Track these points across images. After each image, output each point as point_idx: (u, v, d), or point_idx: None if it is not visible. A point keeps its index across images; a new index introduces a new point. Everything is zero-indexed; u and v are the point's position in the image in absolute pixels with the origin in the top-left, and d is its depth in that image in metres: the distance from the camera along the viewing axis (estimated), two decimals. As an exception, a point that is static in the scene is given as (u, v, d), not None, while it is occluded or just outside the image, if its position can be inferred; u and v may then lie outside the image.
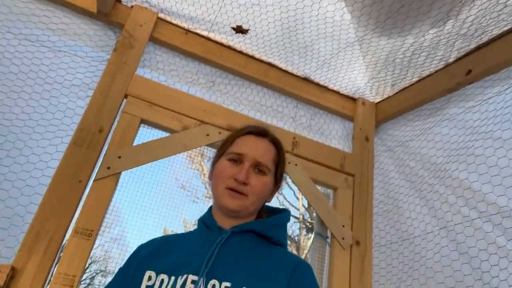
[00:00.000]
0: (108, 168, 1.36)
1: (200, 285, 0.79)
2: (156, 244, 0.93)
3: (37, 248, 1.19)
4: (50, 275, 1.19)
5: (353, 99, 2.01)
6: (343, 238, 1.64)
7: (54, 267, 1.20)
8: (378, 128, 1.98)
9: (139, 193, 1.58)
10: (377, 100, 2.02)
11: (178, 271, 0.83)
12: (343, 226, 1.66)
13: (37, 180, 1.32)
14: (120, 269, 0.91)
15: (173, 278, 0.82)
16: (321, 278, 1.61)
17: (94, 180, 1.33)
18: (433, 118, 1.66)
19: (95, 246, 1.28)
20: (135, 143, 1.46)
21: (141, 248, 0.93)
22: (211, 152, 1.66)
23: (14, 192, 1.28)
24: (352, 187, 1.78)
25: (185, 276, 0.81)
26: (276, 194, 1.06)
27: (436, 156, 1.55)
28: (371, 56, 1.75)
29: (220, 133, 1.60)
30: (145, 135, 1.53)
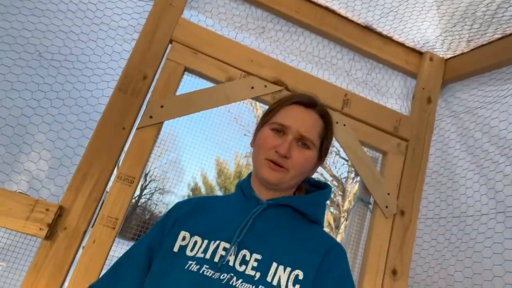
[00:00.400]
0: (151, 117, 1.36)
1: (231, 254, 0.79)
2: (194, 203, 0.93)
3: (83, 190, 1.25)
4: (95, 216, 1.26)
5: (420, 53, 1.79)
6: (386, 207, 1.56)
7: (99, 209, 1.26)
8: (444, 89, 1.77)
9: (195, 120, 1.59)
10: (448, 56, 1.78)
11: (211, 236, 0.83)
12: (388, 194, 1.57)
13: (84, 124, 1.36)
14: (157, 222, 0.93)
15: (206, 241, 0.82)
16: (358, 244, 1.57)
17: (136, 128, 1.34)
18: (512, 85, 1.43)
19: (154, 166, 1.35)
20: (178, 92, 1.43)
21: (179, 206, 0.94)
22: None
23: (63, 134, 1.33)
24: (404, 153, 1.65)
25: (217, 242, 0.81)
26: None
27: (507, 131, 1.36)
28: (447, 7, 1.50)
29: (265, 86, 1.51)
30: (189, 83, 1.49)
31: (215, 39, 1.50)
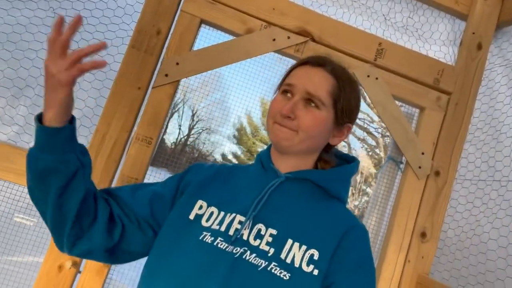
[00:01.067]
0: (166, 75, 1.31)
1: (246, 228, 0.78)
2: (214, 171, 0.91)
3: (103, 151, 1.27)
4: (115, 176, 1.28)
5: (473, -9, 1.54)
6: (419, 167, 1.45)
7: (119, 170, 1.28)
8: (498, 34, 1.54)
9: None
10: (507, -6, 1.52)
11: (227, 208, 0.82)
12: (423, 153, 1.45)
13: (102, 83, 1.34)
14: (175, 175, 0.93)
15: (222, 213, 0.81)
16: (386, 204, 1.50)
17: (152, 88, 1.31)
18: None
19: (201, 106, 1.36)
20: (195, 47, 1.35)
21: (198, 168, 0.93)
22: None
23: (81, 94, 1.33)
24: (445, 108, 1.49)
25: (233, 215, 0.80)
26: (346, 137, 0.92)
27: None
28: None
29: (289, 37, 1.39)
30: (206, 37, 1.40)
31: (233, -14, 1.37)
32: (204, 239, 0.77)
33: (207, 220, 0.81)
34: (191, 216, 0.82)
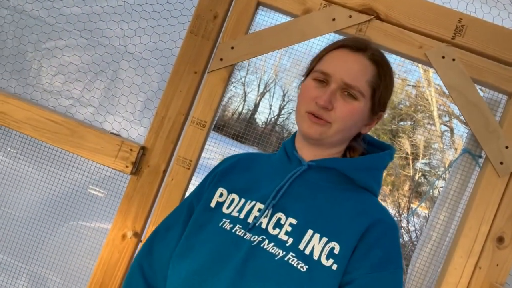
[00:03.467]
0: (221, 59, 1.32)
1: (265, 216, 0.77)
2: (236, 159, 0.91)
3: (162, 132, 1.35)
4: (173, 157, 1.36)
5: None
6: (501, 163, 1.25)
7: (175, 150, 1.36)
8: None
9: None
10: None
11: (248, 195, 0.82)
12: (507, 147, 1.25)
13: (163, 68, 1.41)
14: (202, 180, 0.94)
15: (243, 200, 0.81)
16: (458, 203, 1.34)
17: (208, 72, 1.33)
18: None
19: (292, 86, 1.40)
20: (253, 31, 1.34)
21: (222, 162, 0.94)
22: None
23: (146, 78, 1.42)
24: (541, 94, 1.25)
25: (253, 202, 0.80)
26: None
27: None
28: None
29: (350, 16, 1.29)
30: (265, 20, 1.38)
31: (292, -36, 1.31)
32: (224, 226, 0.78)
33: (228, 207, 0.81)
34: (212, 204, 0.83)
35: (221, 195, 0.84)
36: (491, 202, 1.26)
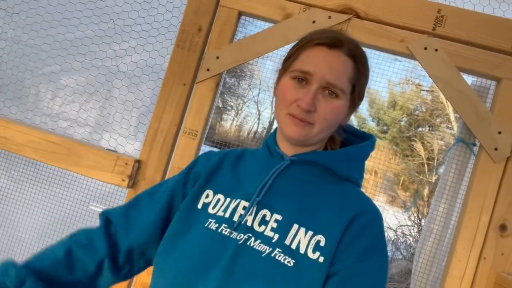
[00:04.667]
0: (208, 70, 1.36)
1: (250, 213, 0.77)
2: (221, 157, 0.90)
3: (155, 145, 1.38)
4: (168, 168, 1.38)
5: None
6: (495, 149, 1.23)
7: (170, 161, 1.38)
8: None
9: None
10: None
11: (233, 194, 0.81)
12: (499, 132, 1.23)
13: (154, 83, 1.46)
14: (184, 169, 0.92)
15: (228, 199, 0.81)
16: (456, 194, 1.31)
17: (196, 83, 1.37)
18: None
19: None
20: (236, 40, 1.37)
21: (206, 157, 0.91)
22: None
23: (139, 95, 1.46)
24: (530, 76, 1.24)
25: (238, 200, 0.79)
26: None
27: None
28: None
29: (330, 17, 1.31)
30: (252, 30, 1.41)
31: (269, -27, 1.35)
32: (209, 226, 0.78)
33: (214, 207, 0.81)
34: (199, 206, 0.83)
35: (207, 196, 0.83)
36: (489, 189, 1.24)
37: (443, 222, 1.31)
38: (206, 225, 0.78)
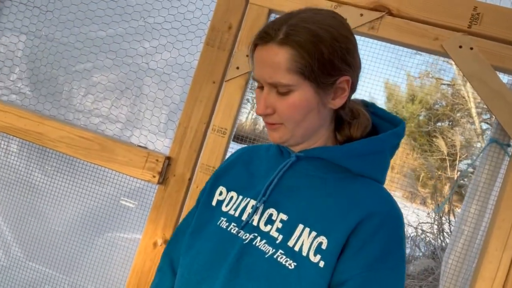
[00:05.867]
0: (237, 68, 1.36)
1: (257, 213, 0.75)
2: (237, 155, 0.90)
3: (185, 142, 1.40)
4: (197, 165, 1.40)
5: None
6: (531, 150, 1.20)
7: (199, 159, 1.40)
8: None
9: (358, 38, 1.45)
10: None
11: (245, 192, 0.81)
12: (536, 133, 1.20)
13: (184, 81, 1.47)
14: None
15: (240, 197, 0.80)
16: (489, 194, 1.29)
17: (225, 81, 1.38)
18: None
19: None
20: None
21: (227, 158, 0.92)
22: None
23: (168, 92, 1.48)
24: None
25: (247, 199, 0.79)
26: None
27: None
28: None
29: (361, 15, 1.30)
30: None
31: (300, -30, 1.34)
32: (221, 225, 0.78)
33: (227, 205, 0.80)
34: (213, 203, 0.83)
35: (220, 193, 0.83)
36: (525, 191, 1.21)
37: (474, 223, 1.29)
38: (218, 224, 0.79)
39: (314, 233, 0.69)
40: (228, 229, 0.77)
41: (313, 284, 0.67)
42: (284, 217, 0.73)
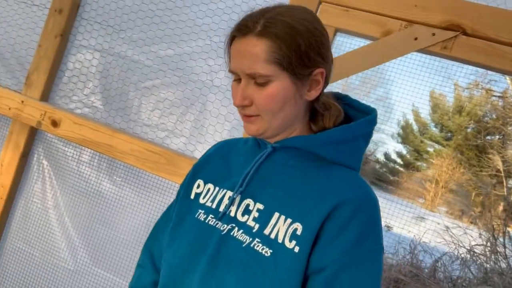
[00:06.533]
0: (302, 86, 1.37)
1: (234, 203, 0.76)
2: (215, 148, 0.90)
3: (248, 158, 1.42)
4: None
5: None
6: None
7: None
8: None
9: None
10: None
11: (221, 183, 0.81)
12: None
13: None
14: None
15: (217, 189, 0.81)
16: None
17: (290, 99, 1.39)
18: None
19: None
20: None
21: (206, 152, 0.93)
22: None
23: (231, 108, 1.51)
24: None
25: (224, 191, 0.79)
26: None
27: None
28: None
29: (434, 34, 1.27)
30: (342, 45, 1.41)
31: (369, -11, 1.34)
32: (198, 217, 0.79)
33: (204, 197, 0.81)
34: (192, 196, 0.83)
35: (198, 186, 0.84)
36: None
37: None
38: (196, 216, 0.79)
39: (289, 220, 0.70)
40: (206, 221, 0.77)
41: (288, 270, 0.68)
42: (260, 206, 0.74)
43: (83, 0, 1.64)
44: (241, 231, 0.73)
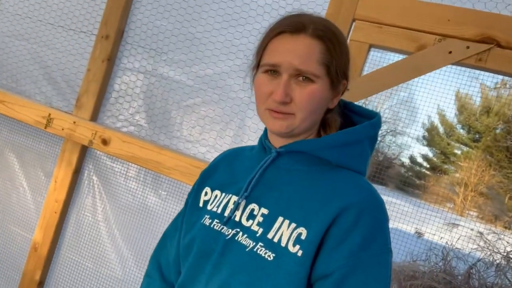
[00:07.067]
0: (339, 101, 1.43)
1: (239, 208, 0.77)
2: (221, 157, 0.93)
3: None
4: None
5: None
6: None
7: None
8: None
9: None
10: None
11: (227, 189, 0.83)
12: None
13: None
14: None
15: (223, 194, 0.83)
16: None
17: (327, 114, 1.45)
18: None
19: (384, 107, 1.39)
20: (364, 72, 1.43)
21: (213, 160, 0.96)
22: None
23: (270, 124, 1.58)
24: None
25: (229, 196, 0.81)
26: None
27: None
28: None
29: (468, 47, 1.30)
30: (376, 60, 1.46)
31: (402, 5, 1.38)
32: (204, 222, 0.80)
33: (211, 204, 0.83)
34: (200, 204, 0.86)
35: (206, 193, 0.86)
36: None
37: None
38: (202, 221, 0.82)
39: (293, 225, 0.71)
40: (212, 225, 0.79)
41: (291, 274, 0.68)
42: (265, 211, 0.75)
43: (127, 26, 1.76)
44: (245, 235, 0.74)
